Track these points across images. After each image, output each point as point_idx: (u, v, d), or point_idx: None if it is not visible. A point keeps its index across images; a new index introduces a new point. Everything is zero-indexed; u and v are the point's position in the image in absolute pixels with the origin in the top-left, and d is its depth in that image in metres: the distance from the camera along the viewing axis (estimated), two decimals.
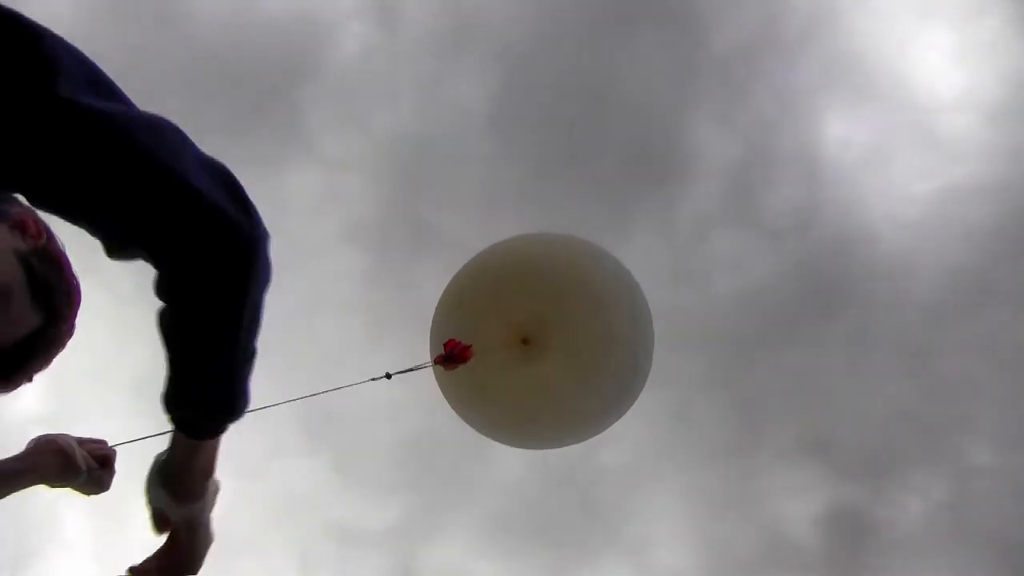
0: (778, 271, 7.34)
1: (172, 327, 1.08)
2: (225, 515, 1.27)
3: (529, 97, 7.16)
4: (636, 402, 3.52)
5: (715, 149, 7.37)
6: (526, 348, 3.11)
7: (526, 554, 7.64)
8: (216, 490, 1.26)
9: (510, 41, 7.11)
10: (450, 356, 2.99)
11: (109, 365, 6.03)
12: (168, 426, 1.18)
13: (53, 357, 1.30)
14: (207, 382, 1.11)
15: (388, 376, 2.78)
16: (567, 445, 3.65)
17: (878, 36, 7.04)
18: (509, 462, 7.48)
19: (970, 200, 7.07)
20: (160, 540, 1.26)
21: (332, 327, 7.01)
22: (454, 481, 7.38)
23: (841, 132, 7.36)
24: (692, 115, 7.37)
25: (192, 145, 1.05)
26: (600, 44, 7.21)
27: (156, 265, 1.04)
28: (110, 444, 1.55)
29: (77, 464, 1.44)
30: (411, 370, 2.92)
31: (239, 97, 6.55)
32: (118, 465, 1.53)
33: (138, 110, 1.07)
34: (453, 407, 3.46)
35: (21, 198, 1.11)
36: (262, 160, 6.41)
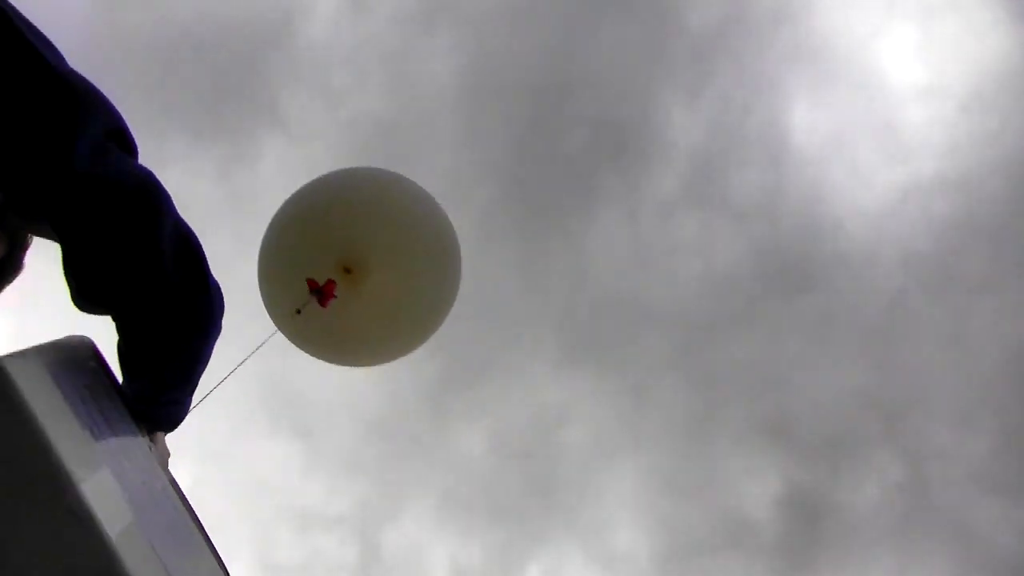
0: (741, 254, 7.36)
1: (126, 362, 1.23)
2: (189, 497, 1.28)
3: (496, 74, 7.10)
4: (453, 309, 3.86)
5: (681, 130, 7.36)
6: (351, 276, 3.34)
7: (484, 532, 7.64)
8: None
9: (479, 18, 7.05)
10: (321, 291, 3.24)
11: None
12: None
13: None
14: (148, 403, 1.26)
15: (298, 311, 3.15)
16: (403, 356, 3.87)
17: (847, 23, 7.04)
18: (469, 441, 7.48)
19: (932, 189, 7.12)
20: None
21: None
22: (412, 460, 7.35)
23: (807, 117, 7.38)
24: (659, 95, 7.34)
25: (174, 210, 1.18)
26: (569, 23, 7.17)
27: (116, 317, 1.19)
28: None
29: None
30: (299, 311, 3.21)
31: (209, 70, 6.45)
32: None
33: (132, 166, 1.18)
34: (300, 347, 3.66)
35: None
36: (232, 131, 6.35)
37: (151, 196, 1.16)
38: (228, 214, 6.74)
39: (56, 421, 1.01)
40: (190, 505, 1.28)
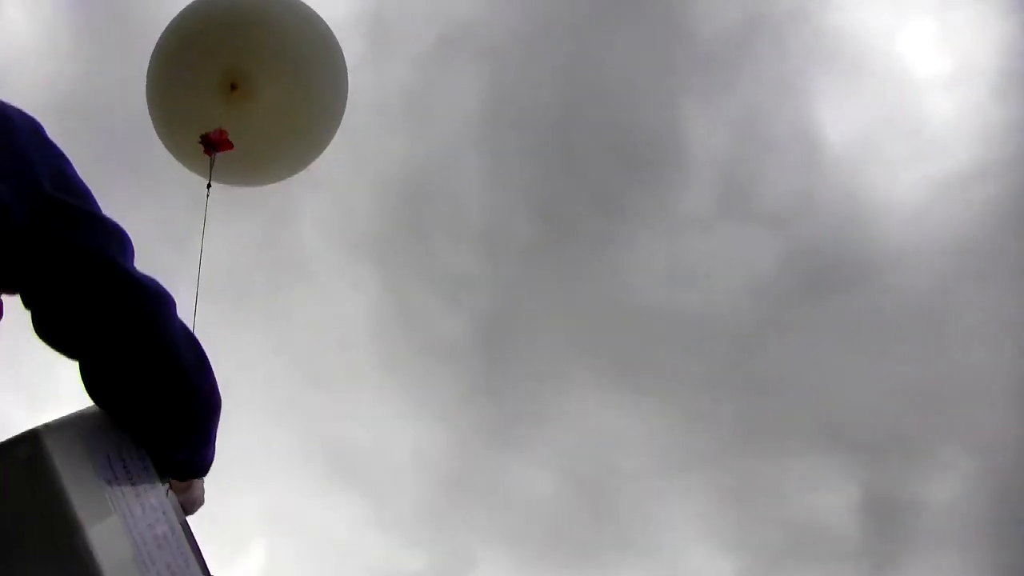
0: (780, 260, 7.26)
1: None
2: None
3: (516, 102, 7.08)
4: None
5: (706, 140, 7.29)
6: (236, 93, 3.36)
7: (561, 570, 7.51)
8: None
9: (494, 47, 7.04)
10: (212, 143, 3.27)
11: None
12: None
13: None
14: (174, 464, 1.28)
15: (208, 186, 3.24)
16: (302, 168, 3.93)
17: (866, 18, 6.97)
18: (533, 481, 7.38)
19: (970, 177, 7.00)
20: None
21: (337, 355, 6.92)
22: (480, 508, 7.26)
23: (833, 116, 7.29)
24: (681, 107, 7.29)
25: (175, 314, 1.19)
26: (583, 42, 7.15)
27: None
28: None
29: None
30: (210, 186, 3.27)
31: None
32: None
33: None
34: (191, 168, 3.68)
35: None
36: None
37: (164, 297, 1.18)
38: (268, 281, 6.75)
39: (86, 498, 1.05)
40: (198, 550, 1.27)
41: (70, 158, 1.17)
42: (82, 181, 1.16)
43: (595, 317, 7.22)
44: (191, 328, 1.27)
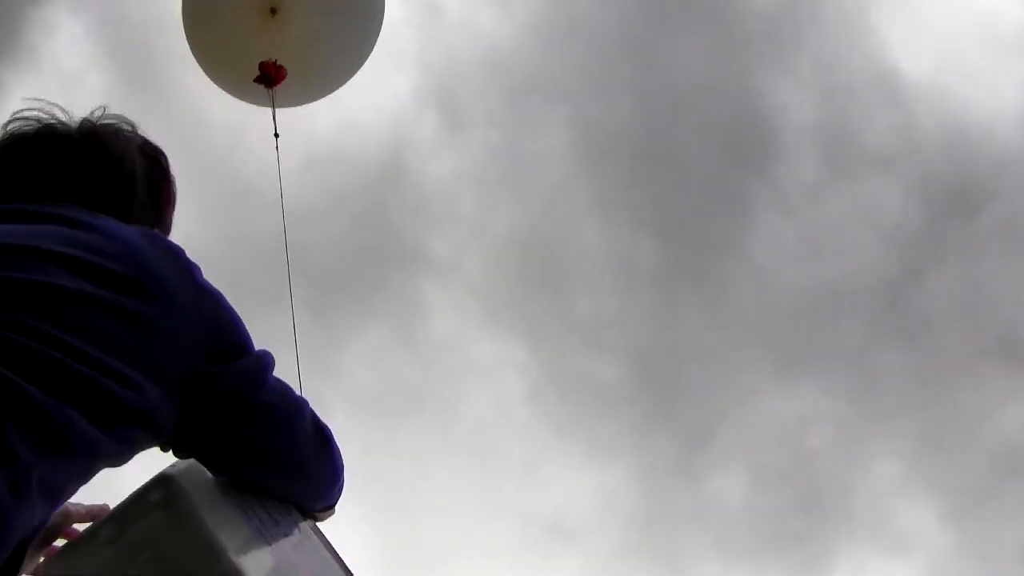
0: (905, 199, 7.15)
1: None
2: None
3: (601, 133, 7.02)
4: None
5: (792, 106, 7.19)
6: (275, 16, 3.37)
7: (775, 567, 7.44)
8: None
9: (562, 88, 6.99)
10: (267, 76, 3.27)
11: None
12: None
13: None
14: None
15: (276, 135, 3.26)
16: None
17: None
18: (728, 488, 7.32)
19: None
20: None
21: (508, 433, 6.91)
22: (683, 532, 7.21)
23: (904, 44, 7.17)
24: (758, 82, 7.19)
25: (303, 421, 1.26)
26: (644, 55, 7.08)
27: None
28: None
29: None
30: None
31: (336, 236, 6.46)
32: None
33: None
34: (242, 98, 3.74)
35: None
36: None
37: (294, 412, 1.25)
38: (422, 384, 6.73)
39: (223, 522, 1.11)
40: (337, 554, 1.34)
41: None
42: (234, 326, 1.18)
43: (741, 311, 7.14)
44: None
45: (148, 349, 1.04)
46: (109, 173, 1.27)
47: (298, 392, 1.28)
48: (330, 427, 1.32)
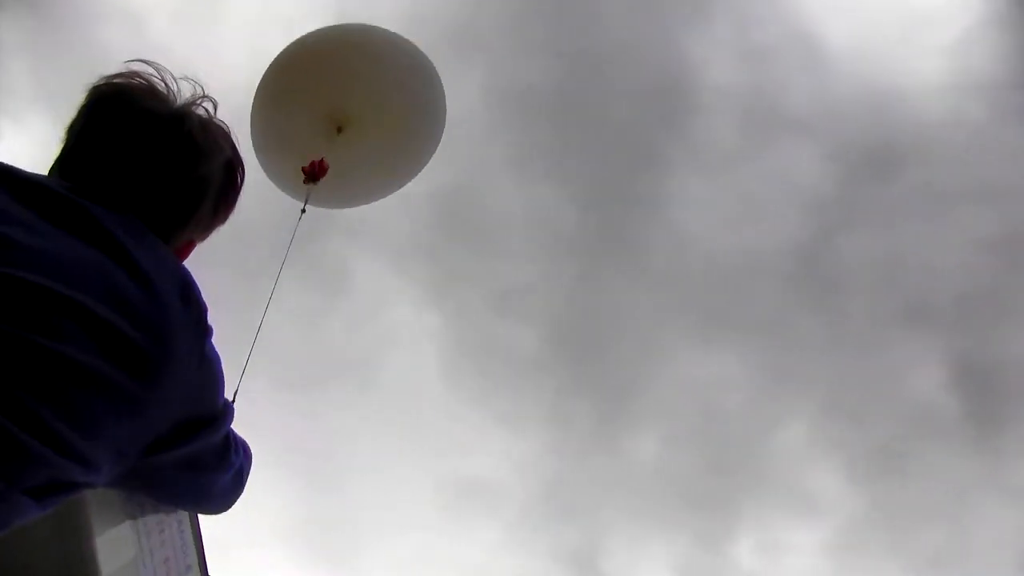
0: (823, 163, 7.16)
1: None
2: None
3: (518, 93, 6.87)
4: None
5: (714, 66, 7.13)
6: (343, 135, 3.47)
7: (687, 525, 7.51)
8: None
9: (478, 42, 6.80)
10: (312, 173, 3.38)
11: None
12: None
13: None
14: None
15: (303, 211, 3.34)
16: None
17: None
18: (642, 449, 7.35)
19: (977, 26, 6.90)
20: None
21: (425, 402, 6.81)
22: (599, 492, 7.22)
23: (828, 9, 7.15)
24: (680, 40, 7.10)
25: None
26: (563, 16, 6.92)
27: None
28: None
29: None
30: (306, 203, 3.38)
31: None
32: None
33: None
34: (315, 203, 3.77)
35: None
36: None
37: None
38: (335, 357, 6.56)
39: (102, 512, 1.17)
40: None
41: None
42: (215, 395, 1.17)
43: (661, 278, 7.12)
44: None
45: (128, 431, 1.01)
46: (185, 179, 1.22)
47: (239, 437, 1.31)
48: (247, 460, 1.36)
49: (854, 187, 7.15)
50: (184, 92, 1.23)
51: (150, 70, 1.21)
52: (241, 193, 1.34)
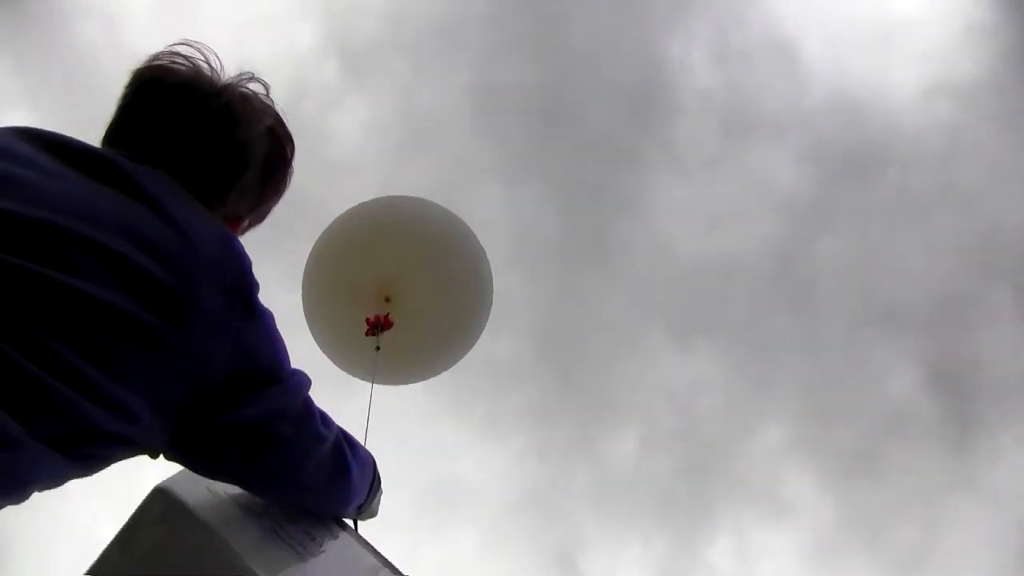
0: (798, 166, 7.19)
1: None
2: None
3: (500, 92, 6.83)
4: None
5: (692, 68, 7.13)
6: (390, 304, 3.57)
7: (663, 527, 7.51)
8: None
9: (464, 45, 6.76)
10: (378, 326, 3.45)
11: None
12: None
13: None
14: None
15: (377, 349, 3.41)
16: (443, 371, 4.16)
17: None
18: (619, 452, 7.33)
19: (957, 28, 6.95)
20: None
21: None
22: (579, 495, 7.20)
23: (804, 13, 7.17)
24: (658, 42, 7.10)
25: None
26: (544, 10, 6.89)
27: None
28: None
29: None
30: (378, 348, 3.45)
31: None
32: None
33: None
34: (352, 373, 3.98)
35: None
36: None
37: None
38: None
39: (228, 525, 1.10)
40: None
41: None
42: (272, 353, 1.13)
43: (638, 281, 7.10)
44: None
45: (166, 379, 0.97)
46: (224, 144, 1.20)
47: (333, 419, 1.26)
48: (359, 453, 1.32)
49: (831, 190, 7.18)
50: (229, 74, 1.24)
51: (195, 51, 1.21)
52: (292, 168, 1.32)
